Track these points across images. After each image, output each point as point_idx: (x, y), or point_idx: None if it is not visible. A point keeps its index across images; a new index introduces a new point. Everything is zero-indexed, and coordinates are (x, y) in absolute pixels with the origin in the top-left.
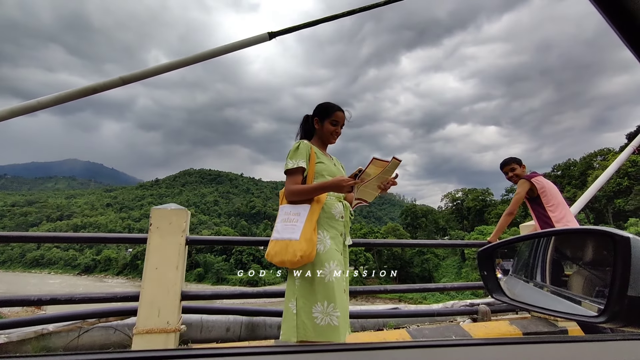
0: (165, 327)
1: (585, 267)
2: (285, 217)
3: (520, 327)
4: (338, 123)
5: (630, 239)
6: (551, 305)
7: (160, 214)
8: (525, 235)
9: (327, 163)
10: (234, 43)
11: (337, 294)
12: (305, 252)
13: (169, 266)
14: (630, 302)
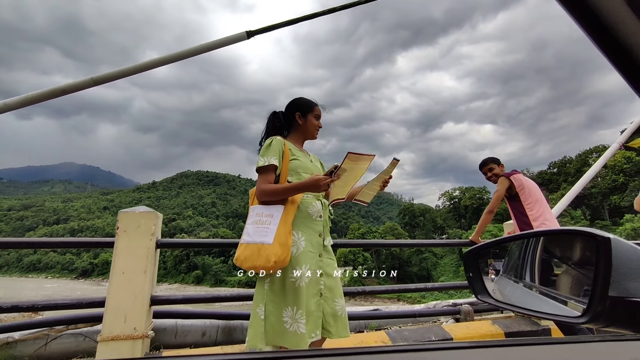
0: (131, 334)
1: (572, 267)
2: (257, 218)
3: (503, 326)
4: (319, 117)
5: (611, 240)
6: (537, 305)
7: (127, 217)
8: (513, 235)
9: (303, 159)
10: (211, 42)
11: (306, 299)
12: (280, 257)
13: (137, 270)
14: (612, 303)
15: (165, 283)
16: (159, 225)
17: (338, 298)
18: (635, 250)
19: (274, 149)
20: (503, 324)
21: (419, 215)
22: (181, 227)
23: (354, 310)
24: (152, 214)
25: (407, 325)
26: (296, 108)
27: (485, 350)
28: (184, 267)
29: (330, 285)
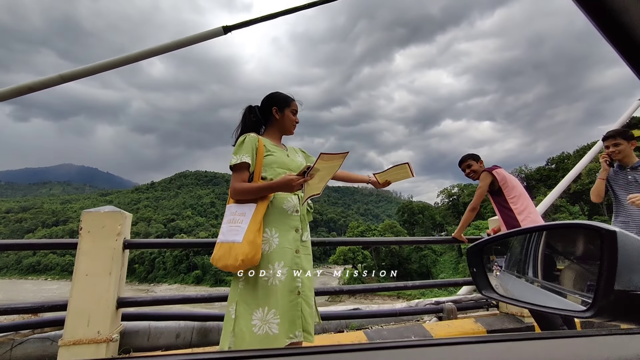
0: (95, 338)
1: (576, 262)
2: (231, 217)
3: (485, 324)
4: (297, 112)
5: (617, 233)
6: (541, 300)
7: (91, 217)
8: (515, 230)
9: (279, 154)
10: (187, 37)
11: (281, 298)
12: (247, 256)
13: (101, 272)
14: (617, 296)
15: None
16: (126, 225)
17: (314, 297)
18: (639, 243)
19: (246, 146)
20: (485, 321)
21: (418, 213)
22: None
23: (333, 310)
24: (118, 214)
25: (388, 324)
26: (273, 103)
27: (463, 347)
28: (183, 267)
29: (308, 283)
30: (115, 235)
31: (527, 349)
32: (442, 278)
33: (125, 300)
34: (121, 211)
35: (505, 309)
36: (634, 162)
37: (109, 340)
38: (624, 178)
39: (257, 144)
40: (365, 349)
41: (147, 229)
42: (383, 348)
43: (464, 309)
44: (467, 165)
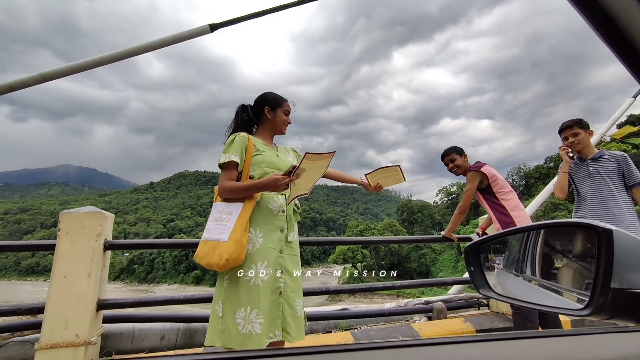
0: (73, 341)
1: (573, 260)
2: (218, 215)
3: (475, 324)
4: (289, 113)
5: (613, 232)
6: (538, 299)
7: (70, 218)
8: (513, 229)
9: (268, 154)
10: (174, 35)
11: (263, 298)
12: (232, 255)
13: (80, 274)
14: (614, 295)
15: (165, 284)
16: (107, 226)
17: (298, 298)
18: (636, 241)
19: (235, 145)
20: (475, 321)
21: (417, 212)
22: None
23: (321, 310)
24: (97, 214)
25: (377, 324)
26: (265, 102)
27: (449, 347)
28: (183, 267)
29: (291, 284)
30: (95, 236)
31: (518, 348)
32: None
33: (107, 303)
34: (101, 211)
35: (495, 308)
36: (593, 152)
37: (88, 344)
38: (585, 170)
39: (247, 143)
40: (350, 349)
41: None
42: (368, 349)
43: (455, 309)
44: (450, 160)
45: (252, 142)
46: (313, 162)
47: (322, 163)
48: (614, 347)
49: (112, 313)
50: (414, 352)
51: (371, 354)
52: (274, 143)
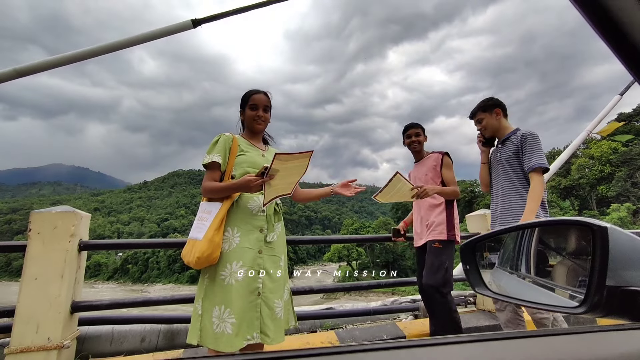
0: (44, 345)
1: (568, 258)
2: (200, 215)
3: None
4: (257, 106)
5: (608, 229)
6: (533, 297)
7: (41, 218)
8: (508, 227)
9: (252, 154)
10: (156, 30)
11: (237, 298)
12: (203, 254)
13: (52, 276)
14: (609, 292)
15: (159, 283)
16: (82, 225)
17: (278, 299)
18: (631, 239)
19: (219, 146)
20: (462, 319)
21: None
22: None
23: (306, 310)
24: (71, 214)
25: (363, 323)
26: (240, 104)
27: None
28: (177, 266)
29: (270, 285)
30: (69, 237)
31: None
32: None
33: (82, 305)
34: (75, 211)
35: (482, 306)
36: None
37: (61, 347)
38: (495, 156)
39: (231, 143)
40: (332, 352)
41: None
42: (352, 351)
43: None
44: (416, 133)
45: (237, 142)
46: (286, 163)
47: (299, 163)
48: (609, 345)
49: (90, 315)
50: (398, 355)
51: (354, 356)
52: (266, 144)
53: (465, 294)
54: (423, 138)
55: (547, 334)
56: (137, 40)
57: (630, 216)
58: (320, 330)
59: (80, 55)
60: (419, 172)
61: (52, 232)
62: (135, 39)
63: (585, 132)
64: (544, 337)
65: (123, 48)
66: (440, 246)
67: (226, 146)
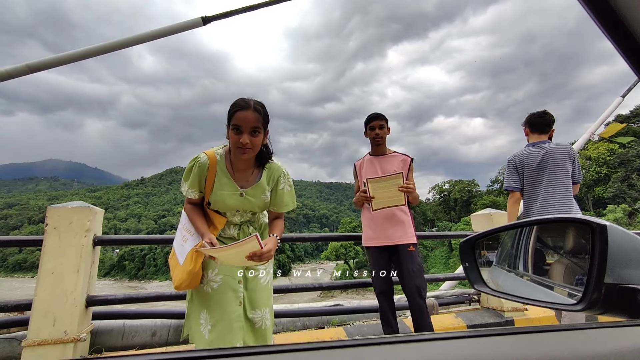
0: (61, 338)
1: (566, 256)
2: (182, 228)
3: (466, 319)
4: (241, 130)
5: (607, 227)
6: (532, 294)
7: (58, 213)
8: (507, 225)
9: (227, 195)
10: (166, 28)
11: (214, 305)
12: (182, 284)
13: (68, 270)
14: (607, 290)
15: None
16: (97, 221)
17: (257, 309)
18: (630, 237)
19: (193, 179)
20: (466, 316)
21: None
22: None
23: (314, 306)
24: (86, 210)
25: (370, 320)
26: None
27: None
28: None
29: (250, 295)
30: (84, 232)
31: (511, 343)
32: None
33: (96, 299)
34: (90, 206)
35: (486, 304)
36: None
37: (77, 340)
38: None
39: (207, 173)
40: (343, 346)
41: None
42: (361, 345)
43: (446, 304)
44: (380, 126)
45: (215, 170)
46: (227, 251)
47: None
48: (607, 341)
49: (102, 309)
50: (407, 348)
51: (364, 350)
52: (260, 168)
53: (470, 292)
54: (387, 130)
55: (546, 330)
56: (148, 37)
57: (626, 217)
58: (328, 326)
59: (91, 52)
60: (389, 167)
61: (68, 227)
62: (146, 36)
63: (587, 134)
64: (543, 333)
65: (135, 44)
66: (414, 249)
67: (201, 177)
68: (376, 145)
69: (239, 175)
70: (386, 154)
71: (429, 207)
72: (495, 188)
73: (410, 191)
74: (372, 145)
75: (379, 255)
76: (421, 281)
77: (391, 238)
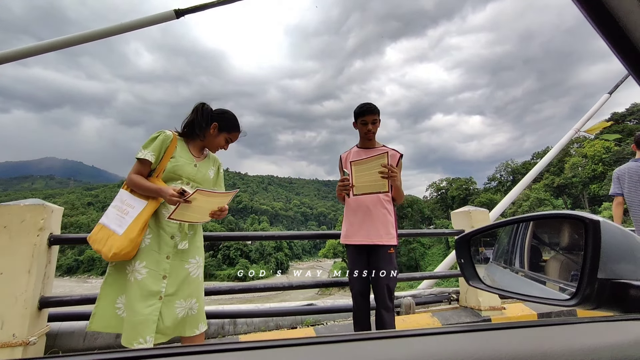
0: (9, 341)
1: (561, 252)
2: (120, 204)
3: (442, 318)
4: (231, 141)
5: (601, 223)
6: (526, 290)
7: (8, 211)
8: (503, 221)
9: (182, 162)
10: (137, 20)
11: (132, 296)
12: (121, 251)
13: (19, 271)
14: (600, 285)
15: None
16: (53, 219)
17: (181, 299)
18: (622, 232)
19: (156, 144)
20: (442, 316)
21: (407, 207)
22: None
23: (286, 306)
24: (40, 207)
25: (346, 320)
26: (218, 120)
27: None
28: None
29: (175, 288)
30: (37, 230)
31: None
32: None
33: (51, 300)
34: (45, 204)
35: (464, 303)
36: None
37: (26, 344)
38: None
39: (169, 144)
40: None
41: None
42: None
43: (424, 304)
44: (373, 121)
45: (176, 144)
46: (209, 197)
47: (221, 199)
48: (599, 335)
49: (64, 311)
50: (374, 345)
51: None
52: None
53: (448, 291)
54: (378, 125)
55: (539, 324)
56: (117, 30)
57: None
58: (301, 326)
59: (60, 43)
60: None
61: (20, 226)
62: (115, 29)
63: (573, 130)
64: (536, 327)
65: (105, 37)
66: (393, 252)
67: (163, 146)
68: (367, 139)
69: (194, 153)
70: (375, 147)
71: (427, 205)
72: (492, 186)
73: (393, 176)
74: (361, 138)
75: (357, 254)
76: (393, 284)
77: (371, 237)
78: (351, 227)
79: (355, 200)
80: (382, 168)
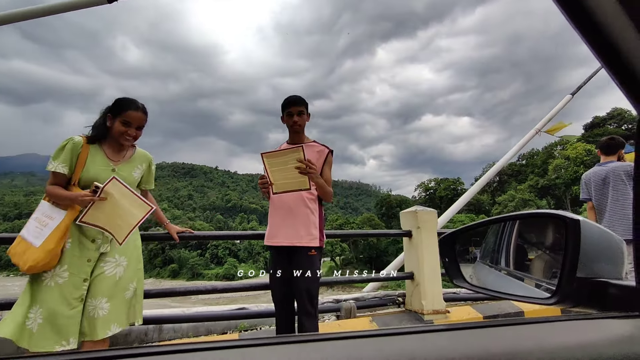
0: None
1: (544, 251)
2: (40, 216)
3: (381, 323)
4: (130, 124)
5: (581, 222)
6: (509, 289)
7: None
8: (488, 219)
9: (96, 166)
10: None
11: (51, 300)
12: (38, 263)
13: None
14: (579, 283)
15: None
16: None
17: (93, 298)
18: (601, 232)
19: (65, 153)
20: (382, 320)
21: (396, 206)
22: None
23: (217, 310)
24: None
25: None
26: (111, 108)
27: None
28: (159, 261)
29: (98, 289)
30: None
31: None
32: None
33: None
34: None
35: (410, 307)
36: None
37: None
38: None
39: (80, 151)
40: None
41: None
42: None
43: (367, 307)
44: (299, 112)
45: (88, 149)
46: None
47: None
48: (576, 333)
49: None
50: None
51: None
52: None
53: (394, 294)
54: (307, 117)
55: (517, 322)
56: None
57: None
58: (233, 331)
59: None
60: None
61: None
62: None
63: (534, 130)
64: (514, 325)
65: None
66: (315, 254)
67: (73, 154)
68: (294, 132)
69: (111, 156)
70: (305, 142)
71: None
72: None
73: (312, 172)
74: (290, 133)
75: (277, 256)
76: (315, 288)
77: (291, 239)
78: (272, 228)
79: (278, 199)
80: (299, 163)
